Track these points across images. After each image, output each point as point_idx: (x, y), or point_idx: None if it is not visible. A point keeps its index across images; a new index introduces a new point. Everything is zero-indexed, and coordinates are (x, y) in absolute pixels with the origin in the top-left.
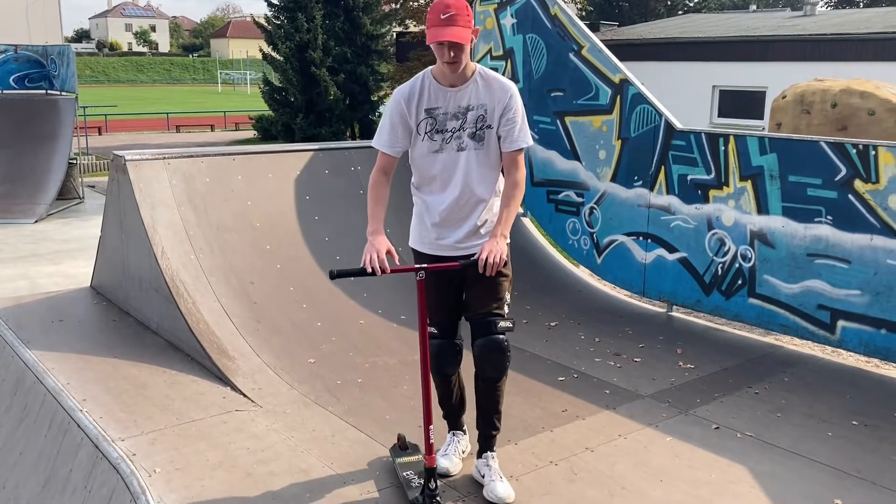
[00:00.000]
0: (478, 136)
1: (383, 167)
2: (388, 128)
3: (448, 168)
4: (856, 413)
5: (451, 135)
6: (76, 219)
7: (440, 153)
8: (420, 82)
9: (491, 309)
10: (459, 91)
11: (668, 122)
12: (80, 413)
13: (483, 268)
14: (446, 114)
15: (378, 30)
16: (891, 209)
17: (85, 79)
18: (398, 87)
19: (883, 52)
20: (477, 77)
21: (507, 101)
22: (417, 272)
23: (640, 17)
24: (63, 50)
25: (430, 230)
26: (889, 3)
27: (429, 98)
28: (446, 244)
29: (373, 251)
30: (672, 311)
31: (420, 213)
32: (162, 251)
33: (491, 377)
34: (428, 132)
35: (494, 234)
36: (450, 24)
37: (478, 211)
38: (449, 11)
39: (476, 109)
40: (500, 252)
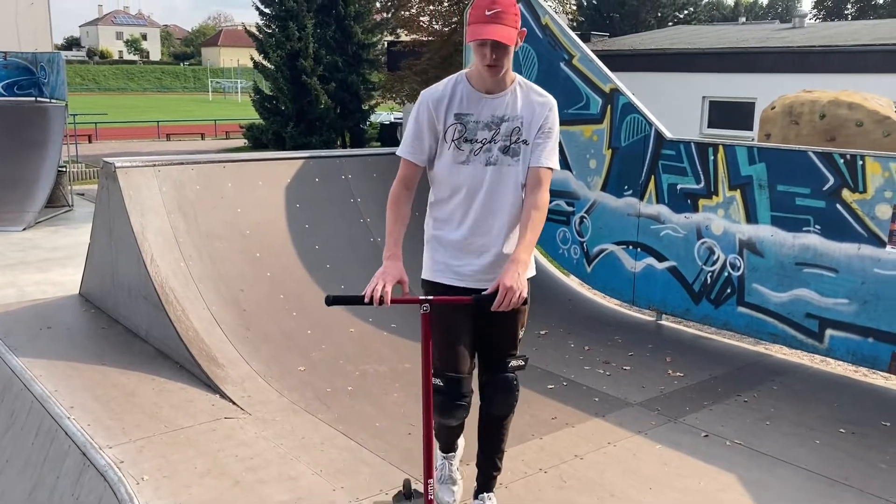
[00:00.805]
0: (511, 151)
1: (405, 179)
2: (412, 133)
3: (473, 184)
4: (844, 421)
5: (481, 146)
6: (65, 227)
7: (465, 165)
8: (452, 84)
9: (507, 353)
10: (496, 99)
11: (658, 132)
12: (68, 420)
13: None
14: (478, 122)
15: (369, 39)
16: (878, 218)
17: (75, 86)
18: (426, 89)
19: (870, 64)
20: (516, 87)
21: (545, 115)
22: (422, 304)
23: (631, 28)
24: (53, 57)
25: (446, 255)
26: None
27: (461, 102)
28: (465, 272)
29: (380, 282)
30: (661, 320)
31: (436, 237)
32: (151, 258)
33: (498, 414)
34: (455, 139)
35: (514, 260)
36: (495, 21)
37: (504, 237)
38: (495, 8)
39: (512, 121)
40: (520, 289)
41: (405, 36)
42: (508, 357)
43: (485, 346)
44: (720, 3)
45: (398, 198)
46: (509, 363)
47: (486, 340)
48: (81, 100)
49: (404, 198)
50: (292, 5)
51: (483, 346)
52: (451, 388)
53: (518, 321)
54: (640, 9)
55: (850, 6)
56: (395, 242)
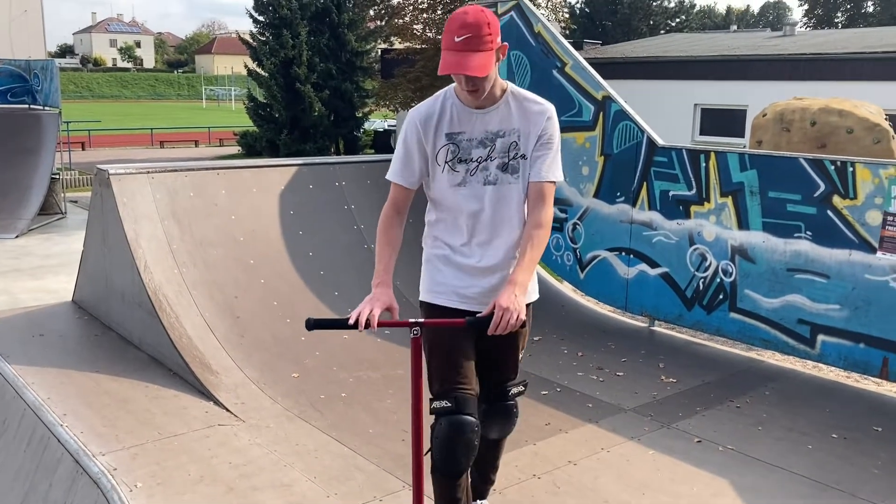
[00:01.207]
0: (510, 168)
1: (396, 203)
2: (401, 155)
3: (473, 206)
4: (836, 426)
5: (477, 165)
6: (58, 234)
7: (462, 187)
8: (441, 102)
9: (508, 379)
10: (487, 113)
11: (650, 139)
12: (61, 428)
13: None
14: (471, 140)
15: (363, 46)
16: (868, 225)
17: (69, 94)
18: (414, 108)
19: (860, 72)
20: (508, 97)
21: (543, 124)
22: (411, 327)
23: (623, 35)
24: (46, 65)
25: (449, 275)
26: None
27: (451, 121)
28: (469, 294)
29: (367, 307)
30: (654, 326)
31: (438, 257)
32: (145, 265)
33: (495, 438)
34: (449, 161)
35: (511, 281)
36: (466, 49)
37: (511, 258)
38: (464, 33)
39: (508, 135)
40: (517, 311)
41: (399, 44)
42: (508, 384)
43: (483, 370)
44: (712, 12)
45: (389, 222)
46: (510, 391)
47: (485, 365)
48: (75, 107)
49: (395, 222)
50: (286, 13)
51: (482, 370)
52: (460, 402)
53: (518, 345)
54: (632, 17)
55: (840, 15)
56: (385, 269)
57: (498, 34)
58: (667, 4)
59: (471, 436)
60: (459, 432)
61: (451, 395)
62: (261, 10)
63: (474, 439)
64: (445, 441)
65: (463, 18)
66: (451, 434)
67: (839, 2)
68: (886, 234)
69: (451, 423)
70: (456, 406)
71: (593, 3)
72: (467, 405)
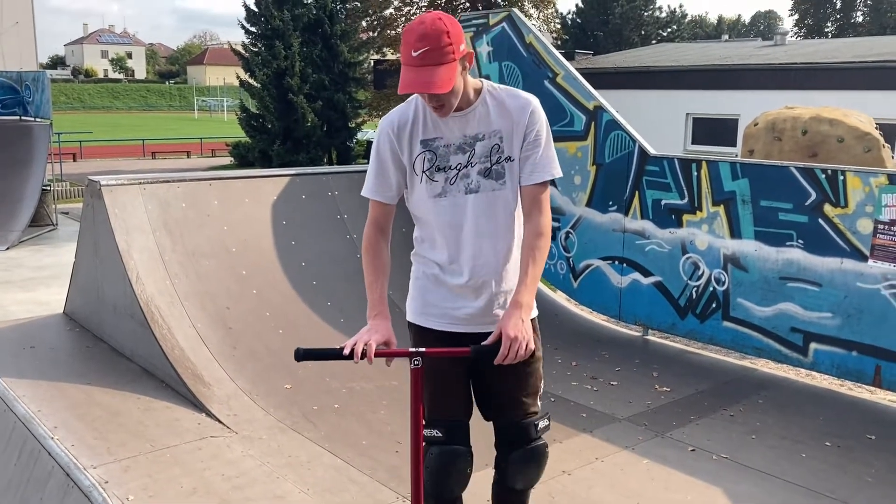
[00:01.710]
0: (494, 173)
1: (377, 221)
2: (375, 168)
3: (455, 217)
4: (829, 434)
5: (457, 173)
6: (49, 246)
7: (443, 198)
8: (414, 107)
9: (527, 410)
10: (464, 116)
11: (641, 148)
12: (52, 441)
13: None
14: (449, 145)
15: (356, 57)
16: (859, 233)
17: (60, 105)
18: (385, 116)
19: (850, 81)
20: (486, 96)
21: (526, 118)
22: (412, 358)
23: (615, 46)
24: (38, 76)
25: (438, 296)
26: (856, 33)
27: (425, 126)
28: (460, 315)
29: (364, 337)
30: (648, 335)
31: (427, 276)
32: (137, 276)
33: (523, 488)
34: (427, 171)
35: (515, 303)
36: (424, 63)
37: (501, 273)
38: (421, 46)
39: (488, 138)
40: (526, 338)
41: (391, 55)
42: (531, 416)
43: (497, 401)
44: (703, 21)
45: (374, 244)
46: (537, 425)
47: (499, 396)
48: (66, 118)
49: (380, 245)
50: (279, 24)
51: (495, 403)
52: (451, 432)
53: (533, 368)
54: (623, 27)
55: (829, 24)
56: (379, 299)
57: (461, 41)
58: (658, 15)
59: (462, 465)
60: (450, 462)
61: (442, 424)
62: (253, 21)
63: (466, 468)
64: (436, 471)
65: (419, 30)
66: (441, 464)
67: (829, 12)
68: (877, 242)
69: (442, 452)
70: (447, 435)
71: (585, 14)
72: (459, 434)
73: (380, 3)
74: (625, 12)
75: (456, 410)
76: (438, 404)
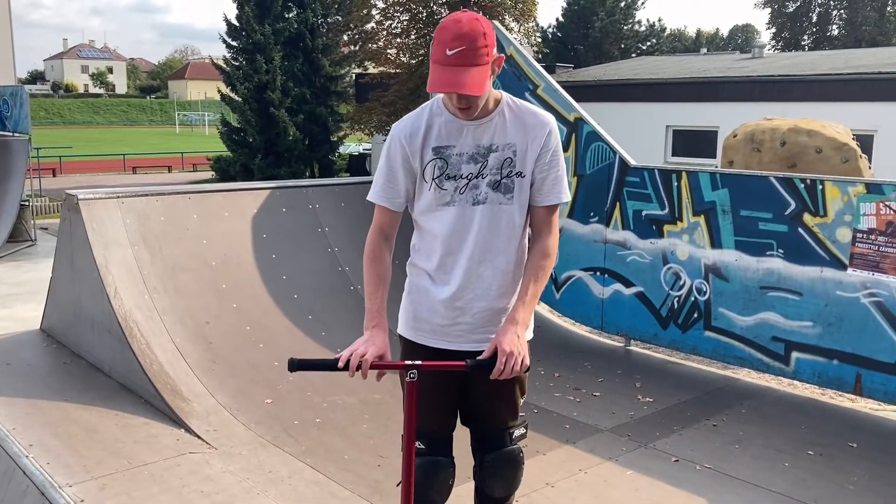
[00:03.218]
0: (503, 187)
1: (382, 228)
2: (384, 174)
3: (459, 228)
4: (812, 443)
5: (467, 183)
6: (27, 262)
7: (450, 206)
8: (427, 113)
9: (506, 423)
10: (480, 126)
11: (622, 159)
12: (26, 459)
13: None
14: (461, 154)
15: (337, 71)
16: (839, 242)
17: (39, 120)
18: (397, 123)
19: (827, 93)
20: (504, 108)
21: (543, 138)
22: (408, 371)
23: (595, 59)
24: (16, 91)
25: (430, 312)
26: (832, 47)
27: (439, 133)
28: (455, 332)
29: (361, 349)
30: (630, 346)
31: (419, 288)
32: (115, 291)
33: (500, 497)
34: (436, 178)
35: (512, 319)
36: (459, 63)
37: (498, 289)
38: (457, 45)
39: (501, 150)
40: (521, 354)
41: (373, 68)
42: (510, 427)
43: (480, 414)
44: (682, 35)
45: (376, 252)
46: (513, 433)
47: (482, 410)
48: (46, 133)
49: (383, 251)
50: (260, 38)
51: (477, 416)
52: (433, 443)
53: (519, 388)
54: (603, 41)
55: (806, 38)
56: (378, 309)
57: (494, 45)
58: (637, 28)
59: (444, 476)
60: (432, 473)
61: (425, 436)
62: (234, 36)
63: (448, 479)
64: (419, 482)
65: (456, 28)
66: (423, 475)
67: (805, 25)
68: (856, 250)
69: (424, 463)
70: (429, 447)
71: (565, 28)
72: (441, 445)
73: (361, 17)
74: (605, 26)
75: (439, 423)
76: (421, 416)
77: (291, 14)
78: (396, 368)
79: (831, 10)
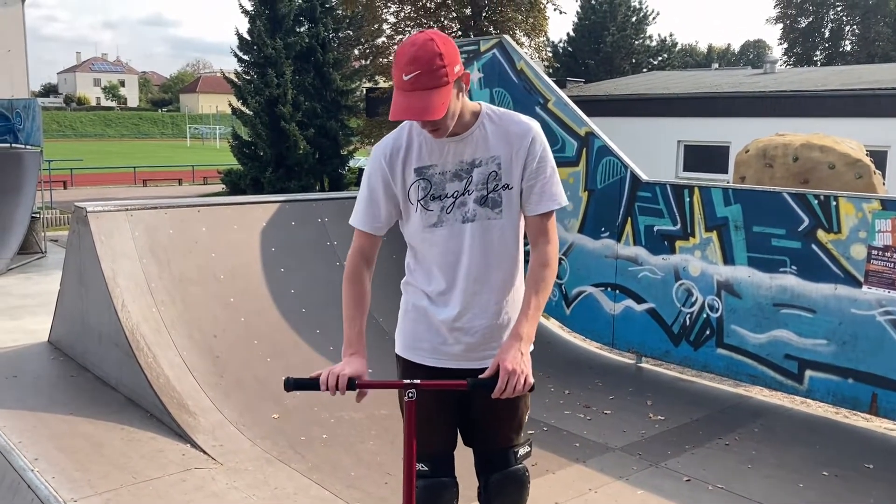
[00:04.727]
0: (490, 201)
1: (362, 251)
2: (365, 197)
3: (452, 247)
4: (826, 464)
5: (454, 201)
6: (37, 273)
7: (439, 227)
8: (407, 132)
9: (510, 442)
10: (461, 141)
11: (633, 174)
12: (31, 473)
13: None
14: (444, 173)
15: (348, 85)
16: (853, 259)
17: (52, 133)
18: (378, 143)
19: (840, 109)
20: (484, 120)
21: (527, 145)
22: (407, 390)
23: (606, 74)
24: (29, 104)
25: (431, 332)
26: (844, 62)
27: (419, 153)
28: (456, 351)
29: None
30: (641, 363)
31: (413, 309)
32: (122, 304)
33: None
34: (421, 199)
35: (515, 335)
36: (416, 88)
37: (496, 305)
38: (412, 70)
39: (485, 164)
40: (524, 372)
41: (383, 83)
42: (514, 447)
43: (483, 434)
44: (693, 50)
45: (356, 276)
46: (518, 452)
47: (485, 429)
48: (58, 146)
49: (363, 275)
50: (271, 52)
51: (479, 436)
52: (436, 465)
53: (522, 405)
54: (614, 55)
55: (818, 53)
56: (357, 335)
57: (455, 62)
58: (649, 43)
59: (448, 497)
60: (436, 494)
61: (427, 457)
62: (246, 50)
63: (452, 500)
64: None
65: (410, 52)
66: (427, 497)
67: (818, 41)
68: (872, 267)
69: (428, 486)
70: (432, 468)
71: (576, 43)
72: (444, 466)
73: (372, 31)
74: (616, 41)
75: (440, 443)
76: (423, 437)
77: (303, 28)
78: (395, 388)
79: (844, 25)
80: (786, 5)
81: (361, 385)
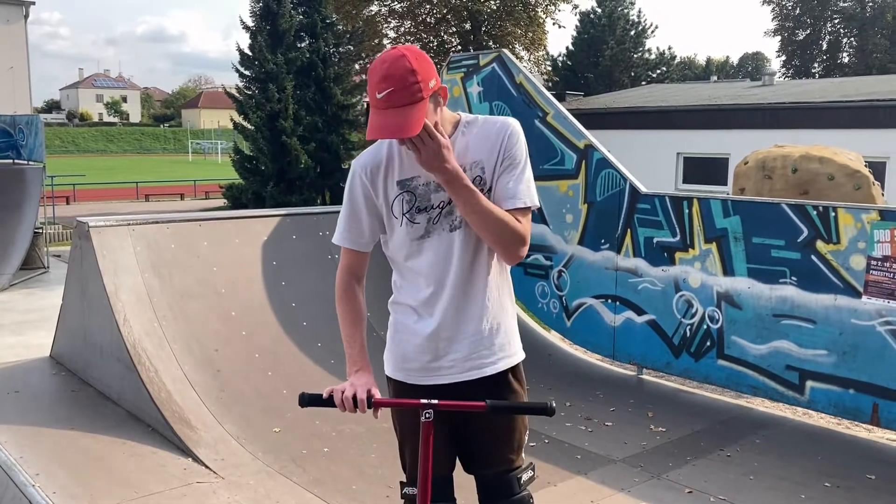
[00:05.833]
0: None
1: (350, 268)
2: (347, 214)
3: (441, 257)
4: (828, 475)
5: (440, 212)
6: (40, 289)
7: (426, 238)
8: (387, 146)
9: (511, 465)
10: None
11: (632, 186)
12: (33, 488)
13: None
14: (428, 184)
15: (349, 100)
16: (853, 269)
17: (54, 148)
18: (356, 158)
19: (838, 120)
20: (463, 128)
21: (503, 138)
22: (423, 410)
23: (605, 87)
24: (31, 120)
25: (419, 350)
26: (842, 74)
27: (401, 165)
28: (445, 365)
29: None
30: (642, 374)
31: (404, 327)
32: (124, 318)
33: None
34: (407, 213)
35: None
36: (391, 105)
37: (484, 311)
38: (385, 88)
39: (469, 170)
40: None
41: None
42: (515, 471)
43: (480, 456)
44: (692, 63)
45: (348, 294)
46: (520, 478)
47: (482, 450)
48: (60, 162)
49: (355, 290)
50: (272, 68)
51: (478, 458)
52: (438, 491)
53: (521, 424)
54: (613, 69)
55: (816, 65)
56: (359, 352)
57: (430, 76)
58: (647, 56)
59: None
60: None
61: None
62: (247, 65)
63: None
64: None
65: (382, 70)
66: None
67: (816, 53)
68: (871, 278)
69: None
70: (432, 492)
71: (575, 56)
72: (443, 489)
73: (373, 47)
74: (615, 54)
75: (439, 467)
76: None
77: (304, 44)
78: (410, 406)
79: (841, 37)
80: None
81: (379, 403)
